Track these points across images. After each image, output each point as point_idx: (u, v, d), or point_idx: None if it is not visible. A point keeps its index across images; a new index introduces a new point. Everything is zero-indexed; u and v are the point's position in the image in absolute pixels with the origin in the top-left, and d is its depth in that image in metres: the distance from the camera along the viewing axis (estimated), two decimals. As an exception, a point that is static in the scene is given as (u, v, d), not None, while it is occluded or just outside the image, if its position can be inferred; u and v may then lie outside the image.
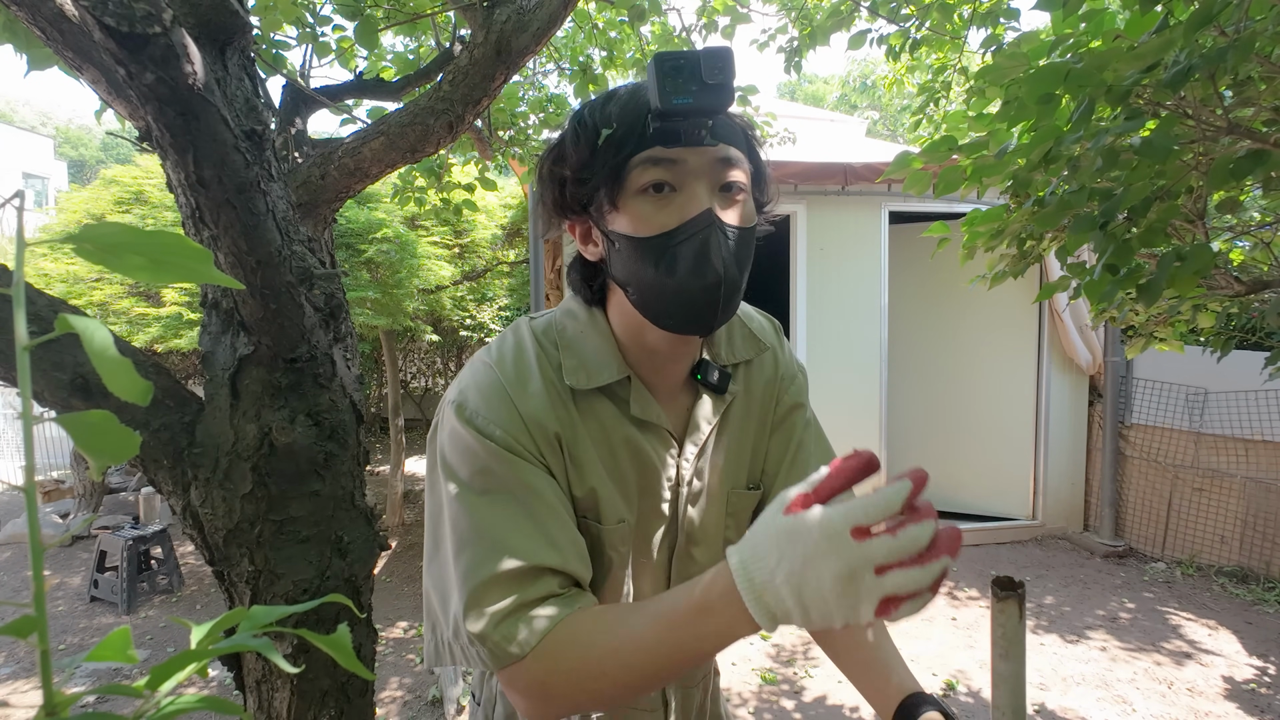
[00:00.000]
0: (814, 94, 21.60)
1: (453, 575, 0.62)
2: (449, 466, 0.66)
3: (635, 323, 0.70)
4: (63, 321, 0.26)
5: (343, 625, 0.34)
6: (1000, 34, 1.89)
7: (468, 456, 0.65)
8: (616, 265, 0.66)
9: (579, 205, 0.67)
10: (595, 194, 0.65)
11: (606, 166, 0.63)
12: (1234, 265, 1.39)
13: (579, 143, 0.64)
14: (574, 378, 0.69)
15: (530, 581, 0.60)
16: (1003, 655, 0.66)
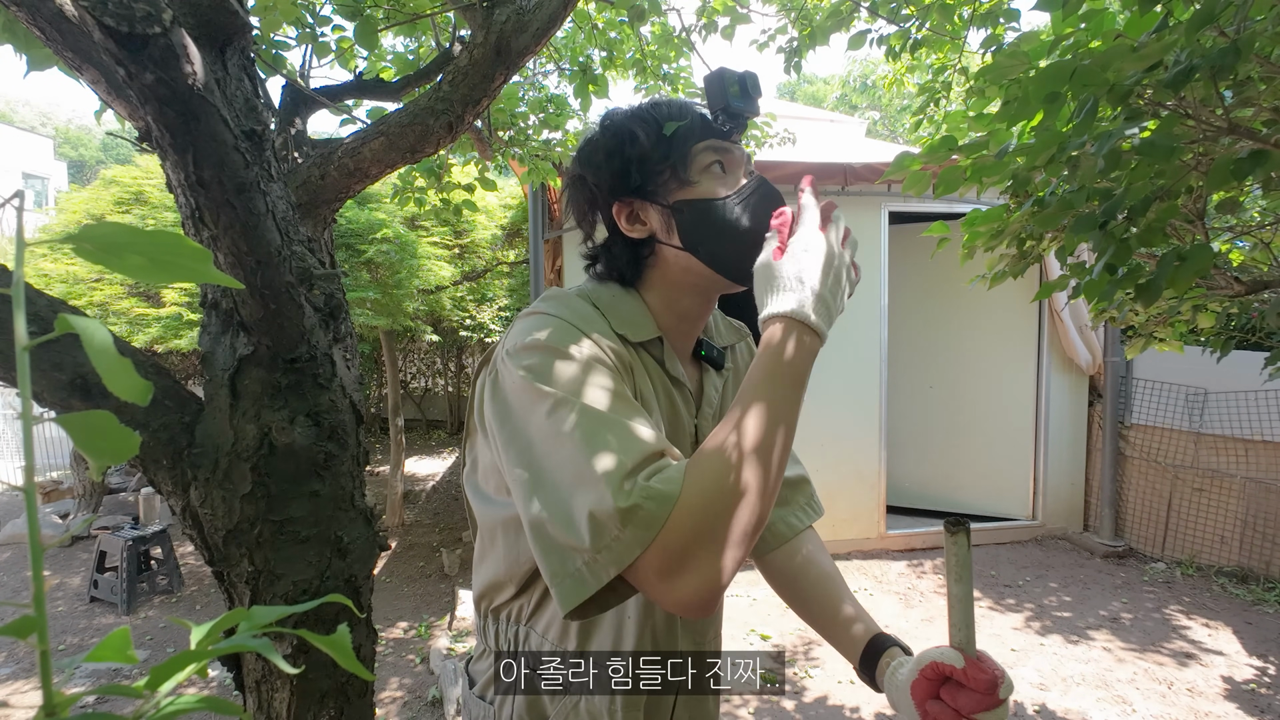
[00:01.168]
0: (814, 94, 21.61)
1: (578, 480, 0.61)
2: (529, 393, 0.66)
3: (687, 287, 0.81)
4: (62, 322, 0.26)
5: (342, 626, 0.34)
6: (1000, 34, 1.89)
7: (545, 373, 0.66)
8: (685, 230, 0.78)
9: (634, 187, 0.79)
10: (659, 175, 0.78)
11: (677, 150, 0.78)
12: (1234, 265, 1.39)
13: (648, 133, 0.78)
14: (624, 329, 0.77)
15: (654, 456, 0.62)
16: (957, 579, 0.78)
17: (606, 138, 0.80)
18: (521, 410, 0.67)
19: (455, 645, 3.29)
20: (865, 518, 4.41)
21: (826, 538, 4.33)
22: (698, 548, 0.58)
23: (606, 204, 0.81)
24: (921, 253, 4.63)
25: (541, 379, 0.66)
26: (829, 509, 4.58)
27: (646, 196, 0.79)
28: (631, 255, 0.81)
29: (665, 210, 0.78)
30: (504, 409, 0.69)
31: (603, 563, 0.59)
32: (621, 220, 0.80)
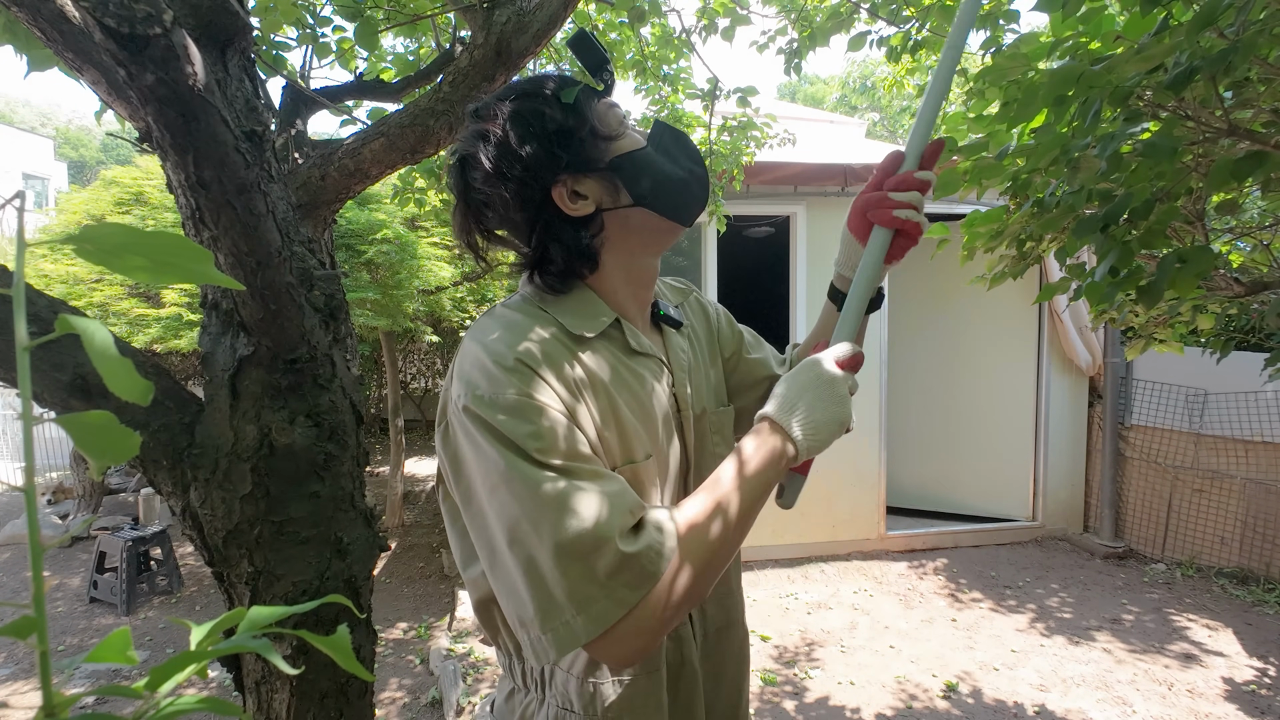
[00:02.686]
0: (814, 95, 21.62)
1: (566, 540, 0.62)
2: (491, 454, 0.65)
3: (637, 240, 0.79)
4: (63, 322, 0.26)
5: (342, 626, 0.34)
6: (1000, 35, 1.89)
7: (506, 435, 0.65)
8: (632, 183, 0.76)
9: (564, 165, 0.74)
10: (582, 143, 0.75)
11: (580, 114, 0.75)
12: (1233, 267, 1.39)
13: (550, 108, 0.75)
14: (580, 327, 0.75)
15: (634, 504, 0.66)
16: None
17: (514, 129, 0.74)
18: (480, 476, 0.66)
19: (455, 646, 3.28)
20: (865, 518, 4.41)
21: (826, 538, 4.35)
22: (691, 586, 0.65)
23: (542, 192, 0.75)
24: (921, 253, 4.63)
25: (499, 445, 0.64)
26: (829, 510, 4.57)
27: (579, 169, 0.75)
28: (582, 236, 0.76)
29: (605, 173, 0.76)
30: (460, 467, 0.69)
31: (557, 640, 0.62)
32: (564, 201, 0.75)
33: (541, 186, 0.74)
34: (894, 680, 2.91)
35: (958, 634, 3.31)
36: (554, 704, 0.77)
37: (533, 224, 0.77)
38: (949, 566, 4.20)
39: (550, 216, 0.76)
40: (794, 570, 4.15)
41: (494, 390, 0.66)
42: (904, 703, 2.73)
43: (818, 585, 3.95)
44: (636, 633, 0.63)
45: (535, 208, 0.76)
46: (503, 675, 0.86)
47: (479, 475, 0.66)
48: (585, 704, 0.75)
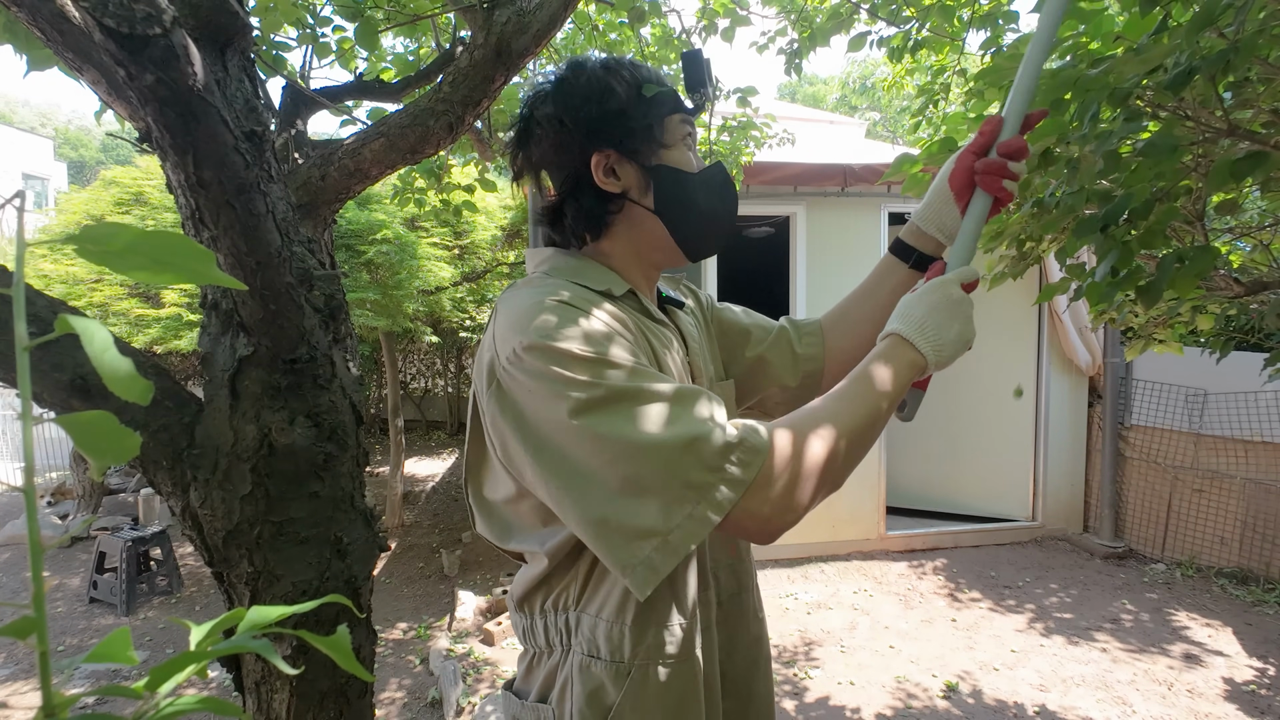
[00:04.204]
0: (813, 95, 21.62)
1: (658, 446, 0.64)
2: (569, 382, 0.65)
3: (645, 249, 0.83)
4: (63, 322, 0.26)
5: (342, 626, 0.34)
6: (1001, 34, 1.89)
7: (582, 356, 0.66)
8: (660, 194, 0.80)
9: (612, 139, 0.78)
10: (636, 134, 0.79)
11: (654, 114, 0.79)
12: (1233, 267, 1.39)
13: (626, 90, 0.79)
14: (603, 286, 0.78)
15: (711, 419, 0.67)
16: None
17: (583, 85, 0.78)
18: (550, 417, 0.66)
19: (455, 646, 3.28)
20: (865, 518, 4.41)
21: (826, 538, 4.35)
22: (785, 491, 0.66)
23: (583, 152, 0.79)
24: (921, 254, 4.63)
25: (564, 382, 0.65)
26: (829, 510, 4.57)
27: (626, 153, 0.79)
28: (600, 209, 0.81)
29: (644, 171, 0.80)
30: (523, 419, 0.68)
31: (693, 528, 0.63)
32: (598, 172, 0.79)
33: (583, 148, 0.79)
34: (894, 680, 2.91)
35: (957, 634, 3.31)
36: (579, 653, 0.76)
37: (564, 175, 0.81)
38: (949, 566, 4.20)
39: (582, 177, 0.80)
40: (794, 570, 4.15)
41: (553, 326, 0.68)
42: (904, 703, 2.73)
43: (817, 585, 3.95)
44: (765, 504, 0.65)
45: (572, 163, 0.80)
46: (522, 651, 0.86)
47: (556, 410, 0.65)
48: (613, 649, 0.74)
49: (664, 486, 0.63)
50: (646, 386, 0.66)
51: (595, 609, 0.76)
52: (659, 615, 0.75)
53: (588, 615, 0.76)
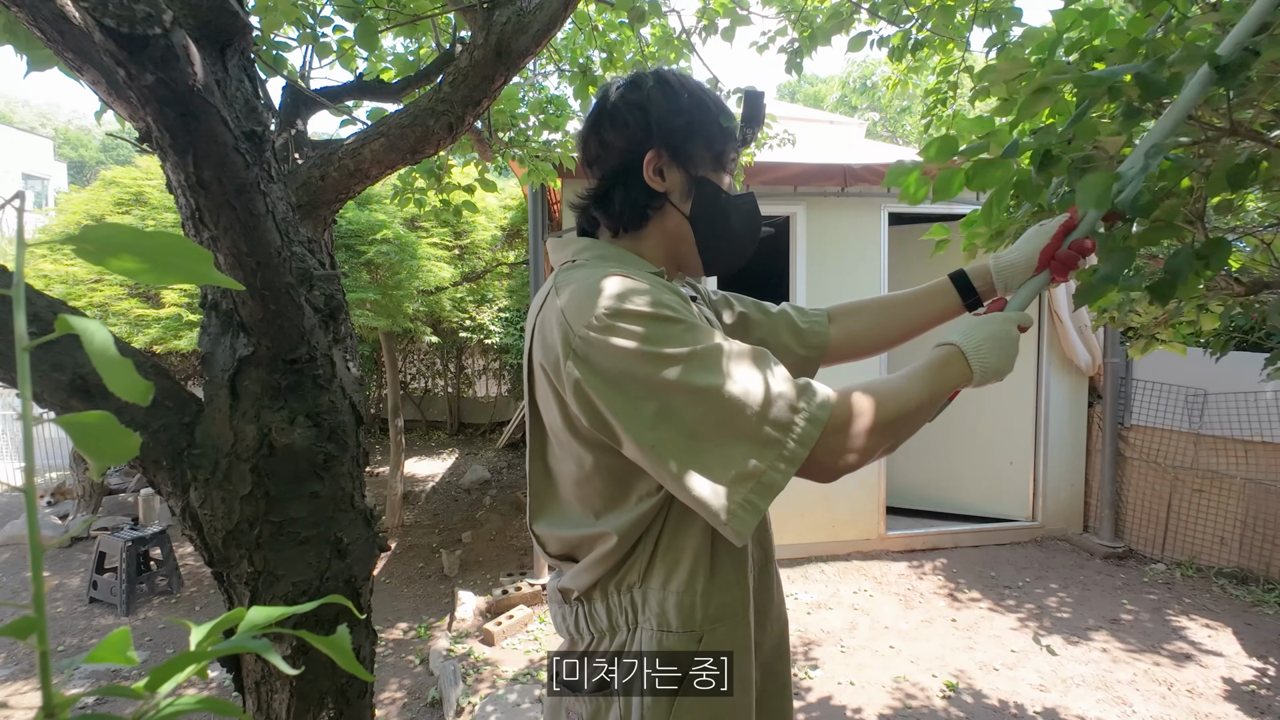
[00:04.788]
0: (813, 95, 21.62)
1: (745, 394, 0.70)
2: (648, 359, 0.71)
3: (672, 250, 0.91)
4: (63, 322, 0.26)
5: (342, 626, 0.34)
6: (1006, 29, 1.89)
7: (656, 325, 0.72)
8: (697, 204, 0.88)
9: (670, 142, 0.86)
10: (701, 149, 0.88)
11: (722, 140, 0.90)
12: (1234, 267, 1.39)
13: (717, 111, 0.89)
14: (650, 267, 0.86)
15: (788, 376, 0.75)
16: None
17: (690, 96, 0.88)
18: (644, 376, 0.71)
19: (455, 646, 3.28)
20: (865, 519, 4.41)
21: (826, 538, 4.35)
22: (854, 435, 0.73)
23: (643, 146, 0.86)
24: (921, 253, 4.63)
25: (651, 340, 0.71)
26: (828, 510, 4.57)
27: (680, 160, 0.87)
28: (643, 202, 0.87)
29: (691, 179, 0.88)
30: (612, 380, 0.72)
31: (783, 467, 0.70)
32: (649, 169, 0.86)
33: (644, 142, 0.86)
34: (893, 680, 2.91)
35: (957, 634, 3.30)
36: (648, 628, 0.80)
37: (618, 161, 0.88)
38: (949, 567, 4.20)
39: (633, 168, 0.87)
40: (794, 570, 4.15)
41: (629, 294, 0.74)
42: (903, 703, 2.73)
43: (817, 585, 3.95)
44: (838, 444, 0.72)
45: (630, 150, 0.87)
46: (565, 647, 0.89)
47: (646, 367, 0.70)
48: (684, 618, 0.79)
49: (756, 431, 0.69)
50: (723, 344, 0.73)
51: (661, 582, 0.80)
52: (723, 579, 0.81)
53: (655, 590, 0.80)
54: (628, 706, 0.80)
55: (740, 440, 0.69)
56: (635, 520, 0.79)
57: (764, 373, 0.72)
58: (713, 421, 0.69)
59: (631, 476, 0.79)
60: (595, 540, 0.82)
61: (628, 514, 0.79)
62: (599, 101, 0.91)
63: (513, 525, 5.14)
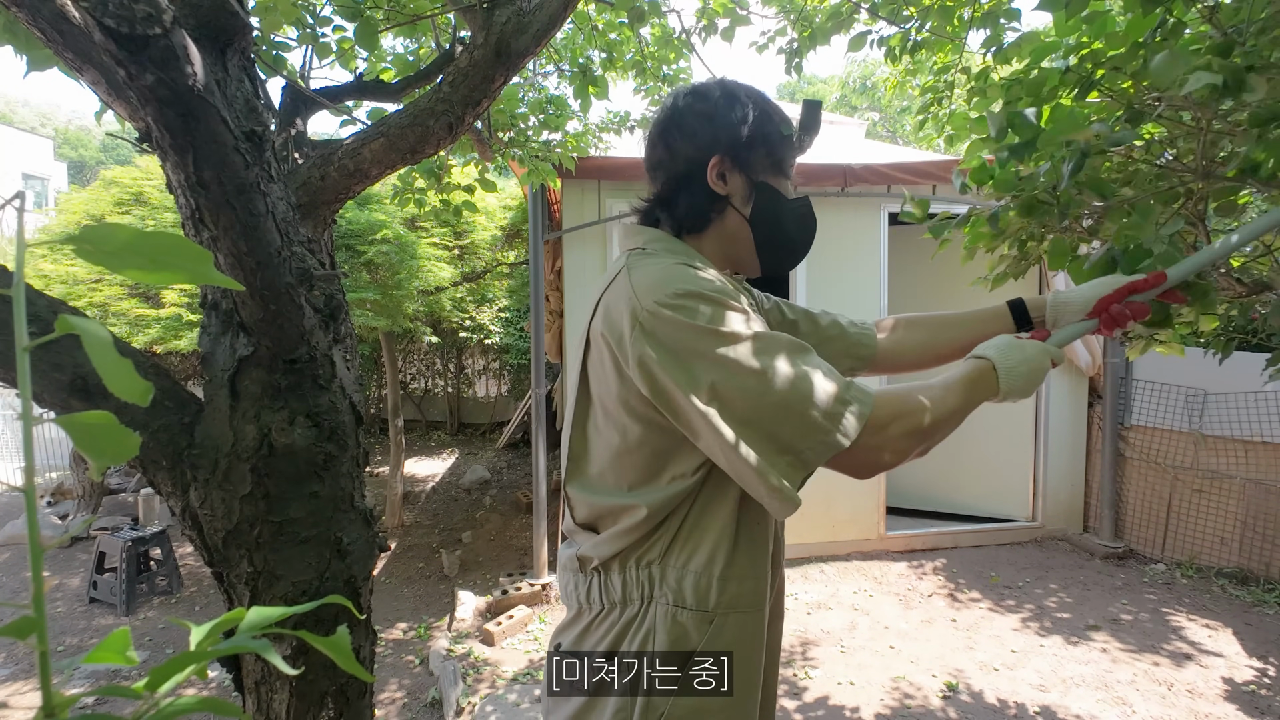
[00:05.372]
0: (814, 95, 21.61)
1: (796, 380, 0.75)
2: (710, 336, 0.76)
3: (731, 252, 0.95)
4: (63, 322, 0.26)
5: (342, 627, 0.34)
6: (1002, 33, 1.89)
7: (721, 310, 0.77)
8: (758, 207, 0.93)
9: (736, 153, 0.91)
10: (763, 156, 0.92)
11: (782, 147, 0.94)
12: (1234, 267, 1.39)
13: (778, 122, 0.94)
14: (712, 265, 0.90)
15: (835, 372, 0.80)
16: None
17: (753, 105, 0.92)
18: (708, 351, 0.76)
19: (454, 646, 3.28)
20: (865, 519, 4.41)
21: (826, 539, 4.35)
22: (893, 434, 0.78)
23: (708, 152, 0.90)
24: (922, 253, 4.63)
25: (715, 321, 0.76)
26: (828, 510, 4.56)
27: (742, 166, 0.91)
28: (706, 205, 0.92)
29: (752, 184, 0.92)
30: (676, 353, 0.77)
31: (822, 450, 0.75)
32: (712, 173, 0.91)
33: (709, 148, 0.90)
34: (893, 680, 2.91)
35: (957, 634, 3.30)
36: (664, 603, 0.83)
37: (683, 166, 0.92)
38: (948, 567, 4.20)
39: (696, 173, 0.91)
40: (794, 570, 4.15)
41: (697, 279, 0.79)
42: (903, 703, 2.73)
43: (817, 585, 3.95)
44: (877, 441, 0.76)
45: (695, 156, 0.91)
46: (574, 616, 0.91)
47: (710, 343, 0.76)
48: (700, 598, 0.82)
49: (803, 412, 0.74)
50: (778, 334, 0.78)
51: (682, 561, 0.84)
52: (740, 568, 0.84)
53: (673, 568, 0.83)
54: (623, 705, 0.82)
55: (788, 420, 0.74)
56: (665, 499, 0.83)
57: (813, 366, 0.77)
58: (765, 400, 0.74)
59: (670, 456, 0.83)
60: (624, 511, 0.85)
61: (659, 492, 0.83)
62: (667, 110, 0.95)
63: (513, 525, 5.14)
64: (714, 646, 0.82)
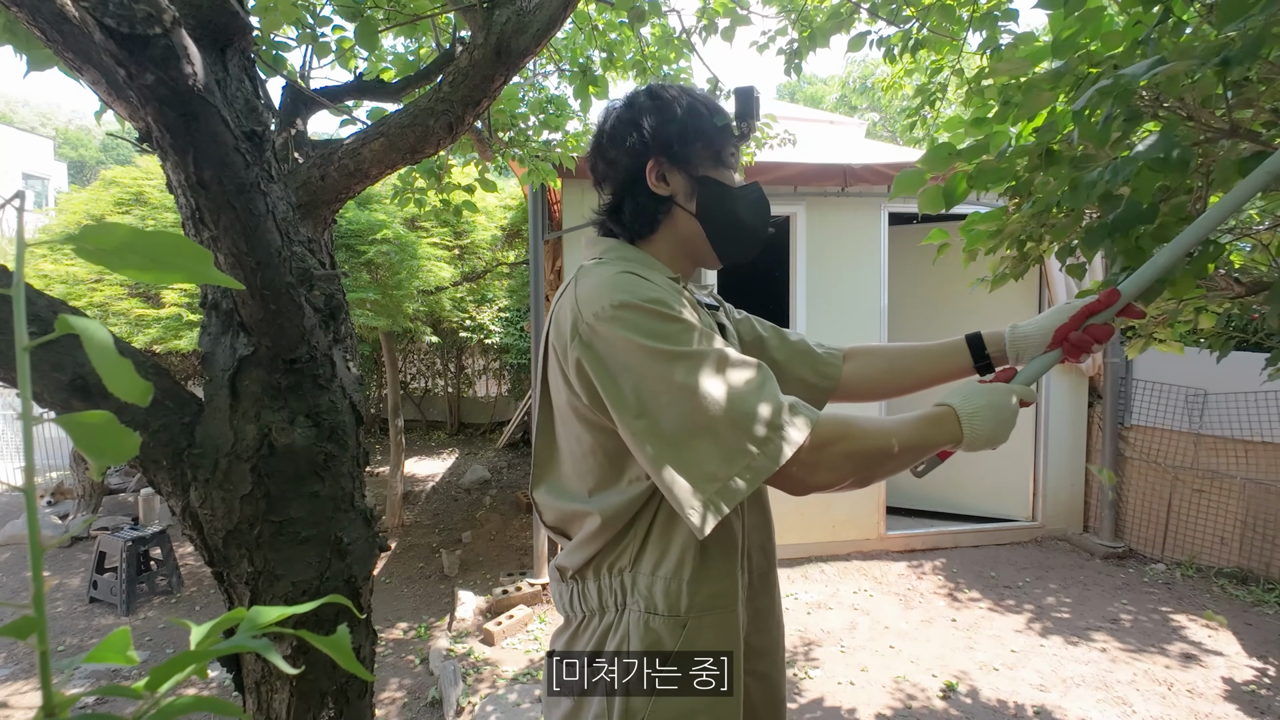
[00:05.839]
0: (813, 95, 21.61)
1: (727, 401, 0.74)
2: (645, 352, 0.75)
3: (686, 250, 0.94)
4: (63, 322, 0.26)
5: (342, 626, 0.34)
6: (998, 35, 1.89)
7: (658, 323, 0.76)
8: (703, 202, 0.92)
9: (672, 152, 0.90)
10: (700, 151, 0.91)
11: (719, 139, 0.93)
12: (1234, 267, 1.39)
13: (710, 115, 0.93)
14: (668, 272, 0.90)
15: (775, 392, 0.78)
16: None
17: (675, 104, 0.91)
18: (639, 367, 0.75)
19: (455, 646, 3.28)
20: (865, 519, 4.41)
21: (826, 538, 4.35)
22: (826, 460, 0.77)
23: (642, 157, 0.91)
24: (922, 254, 4.63)
25: (650, 335, 0.75)
26: (828, 510, 4.56)
27: (679, 163, 0.91)
28: (651, 208, 0.92)
29: (692, 180, 0.92)
30: (610, 366, 0.76)
31: (750, 476, 0.73)
32: (651, 176, 0.91)
33: (643, 153, 0.91)
34: (893, 680, 2.91)
35: (957, 634, 3.30)
36: (636, 610, 0.83)
37: (624, 175, 0.92)
38: (948, 566, 4.20)
39: (639, 179, 0.92)
40: (794, 570, 4.15)
41: (638, 289, 0.78)
42: (903, 703, 2.73)
43: (817, 585, 3.95)
44: (809, 465, 0.75)
45: (632, 163, 0.91)
46: (562, 624, 0.92)
47: (641, 359, 0.75)
48: (670, 603, 0.82)
49: (729, 436, 0.73)
50: (719, 349, 0.77)
51: (651, 568, 0.84)
52: (711, 571, 0.83)
53: (643, 574, 0.83)
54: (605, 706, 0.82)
55: (714, 443, 0.73)
56: (626, 503, 0.82)
57: (752, 385, 0.75)
58: (691, 420, 0.73)
59: (624, 459, 0.83)
60: (583, 518, 0.86)
61: (618, 495, 0.83)
62: (599, 126, 0.96)
63: (513, 525, 5.14)
64: (689, 649, 0.82)
